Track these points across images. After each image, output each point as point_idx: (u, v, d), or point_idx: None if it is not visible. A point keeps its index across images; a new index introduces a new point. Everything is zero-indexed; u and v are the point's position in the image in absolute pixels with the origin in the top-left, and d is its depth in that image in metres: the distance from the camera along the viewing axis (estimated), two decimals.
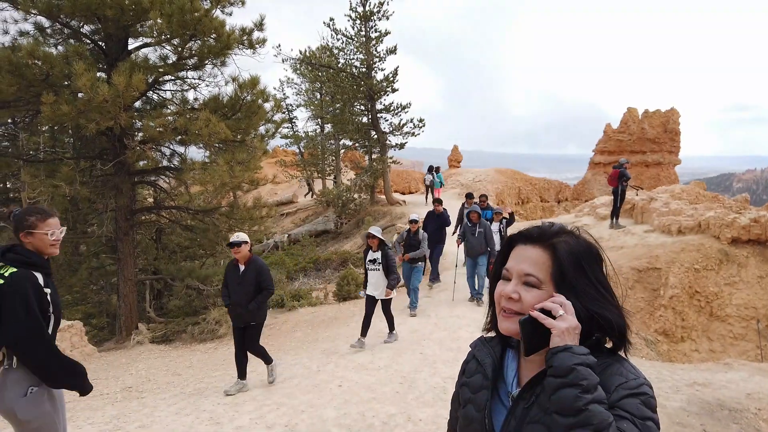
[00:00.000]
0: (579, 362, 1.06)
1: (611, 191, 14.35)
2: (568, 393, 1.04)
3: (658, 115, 35.79)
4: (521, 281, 1.22)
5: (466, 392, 1.36)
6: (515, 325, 1.20)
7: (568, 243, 1.23)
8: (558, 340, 1.10)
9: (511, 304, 1.21)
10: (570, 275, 1.20)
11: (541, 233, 1.26)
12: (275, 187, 35.62)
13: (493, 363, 1.32)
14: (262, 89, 10.40)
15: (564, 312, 1.13)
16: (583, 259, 1.22)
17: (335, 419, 4.97)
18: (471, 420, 1.30)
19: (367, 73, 22.21)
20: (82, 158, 11.41)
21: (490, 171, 30.87)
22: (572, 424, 1.02)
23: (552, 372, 1.08)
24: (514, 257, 1.27)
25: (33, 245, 2.84)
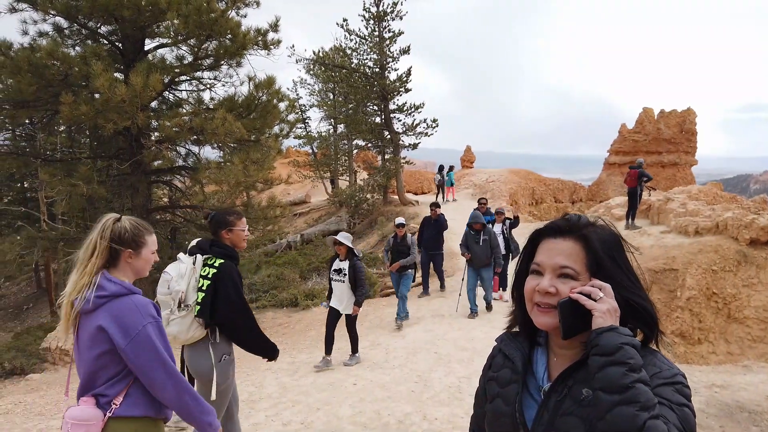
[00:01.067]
0: (625, 342, 1.05)
1: (627, 191, 14.21)
2: (615, 371, 1.03)
3: (675, 115, 35.40)
4: (556, 274, 1.21)
5: (494, 387, 1.35)
6: (553, 319, 1.19)
7: (598, 233, 1.23)
8: (601, 320, 1.09)
9: (547, 298, 1.20)
10: (606, 265, 1.20)
11: (571, 225, 1.25)
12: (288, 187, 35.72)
13: (522, 357, 1.31)
14: (277, 89, 10.46)
15: (604, 295, 1.13)
16: (613, 248, 1.22)
17: (350, 417, 4.98)
18: (500, 414, 1.28)
19: (381, 73, 22.21)
20: (99, 158, 11.54)
21: (504, 171, 30.72)
22: (618, 401, 1.00)
23: (597, 351, 1.07)
24: (544, 252, 1.25)
25: (231, 240, 3.38)
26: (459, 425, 4.73)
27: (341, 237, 6.53)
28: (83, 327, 2.13)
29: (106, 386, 2.10)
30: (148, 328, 2.10)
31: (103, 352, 2.08)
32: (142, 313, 2.11)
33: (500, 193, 26.90)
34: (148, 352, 2.08)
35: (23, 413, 5.79)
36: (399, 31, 21.96)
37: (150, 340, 2.09)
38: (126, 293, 2.15)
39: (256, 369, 6.72)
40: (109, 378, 2.11)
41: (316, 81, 30.21)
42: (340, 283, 6.56)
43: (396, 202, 23.55)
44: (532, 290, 1.24)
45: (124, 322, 2.07)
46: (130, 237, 2.25)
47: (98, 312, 2.10)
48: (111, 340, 2.06)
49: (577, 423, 1.13)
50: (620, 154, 36.27)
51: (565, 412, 1.16)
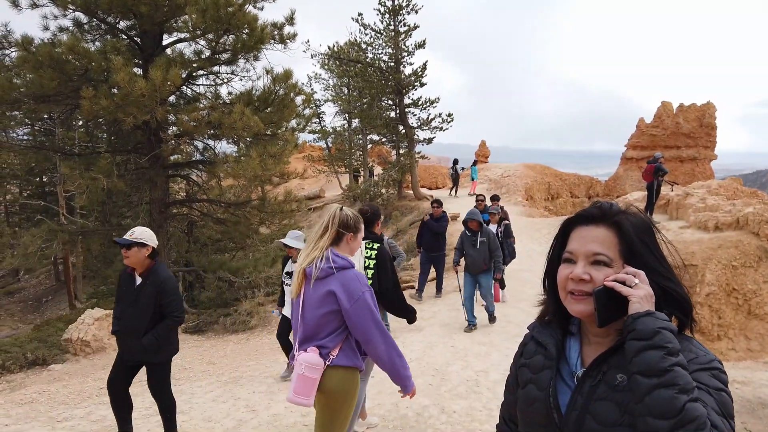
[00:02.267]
0: (663, 326, 1.06)
1: (645, 186, 14.06)
2: (652, 354, 1.03)
3: (694, 109, 34.87)
4: (589, 261, 1.22)
5: (526, 373, 1.36)
6: (588, 307, 1.19)
7: (630, 220, 1.24)
8: (638, 306, 1.10)
9: (582, 285, 1.21)
10: (639, 251, 1.20)
11: (603, 212, 1.26)
12: (302, 182, 35.85)
13: (556, 343, 1.32)
14: (294, 83, 10.49)
15: (639, 281, 1.13)
16: (646, 235, 1.23)
17: (369, 409, 4.99)
18: (533, 400, 1.29)
19: (396, 67, 22.14)
20: (118, 152, 11.66)
21: (519, 166, 30.53)
22: (656, 384, 1.01)
23: (634, 335, 1.07)
24: (577, 239, 1.26)
25: (377, 230, 4.47)
26: (477, 418, 4.73)
27: (289, 239, 5.46)
28: (313, 290, 2.65)
29: (327, 339, 2.65)
30: (366, 294, 2.63)
31: (329, 312, 2.61)
32: (361, 283, 2.65)
33: (515, 188, 26.75)
34: (366, 313, 2.60)
35: (47, 402, 5.90)
36: (414, 25, 21.87)
37: (368, 304, 2.61)
38: (349, 267, 2.70)
39: (275, 361, 6.77)
40: (330, 333, 2.65)
41: (330, 76, 30.25)
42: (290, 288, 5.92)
43: (410, 197, 23.53)
44: (566, 278, 1.24)
45: (350, 289, 2.60)
46: (353, 224, 2.82)
47: (329, 279, 2.63)
48: (338, 302, 2.60)
49: (611, 408, 1.14)
50: (638, 149, 35.85)
51: (599, 397, 1.16)
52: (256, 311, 10.36)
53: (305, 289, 2.70)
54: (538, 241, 15.30)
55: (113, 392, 4.00)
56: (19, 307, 24.18)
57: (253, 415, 5.01)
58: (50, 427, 4.88)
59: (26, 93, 9.43)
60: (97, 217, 18.29)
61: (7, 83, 9.12)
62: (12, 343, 9.90)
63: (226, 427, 4.76)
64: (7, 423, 5.17)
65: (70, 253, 20.05)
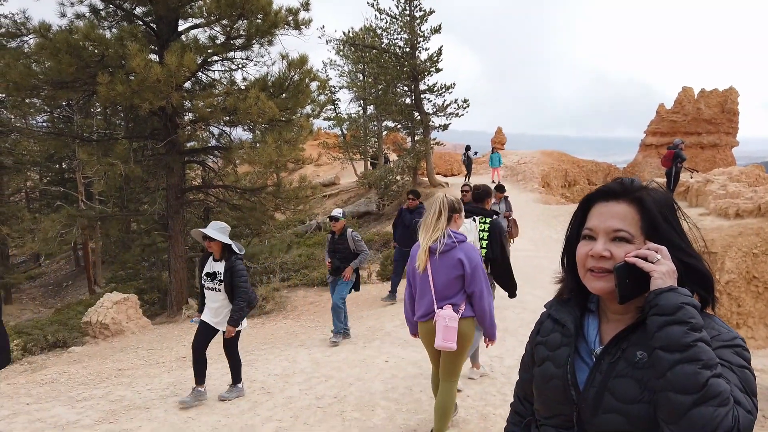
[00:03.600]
0: (686, 301, 1.04)
1: (664, 173, 13.85)
2: (675, 330, 1.01)
3: (716, 94, 34.11)
4: (610, 238, 1.19)
5: (543, 350, 1.35)
6: (608, 284, 1.17)
7: (652, 196, 1.21)
8: (660, 282, 1.08)
9: (602, 262, 1.18)
10: (661, 227, 1.18)
11: (624, 188, 1.23)
12: (317, 169, 35.93)
13: (574, 321, 1.30)
14: (309, 68, 10.47)
15: (661, 257, 1.11)
16: (667, 210, 1.21)
17: (383, 393, 5.01)
18: (550, 377, 1.28)
19: (411, 52, 21.96)
20: (135, 138, 11.76)
21: (536, 153, 30.23)
22: (679, 359, 0.99)
23: (656, 311, 1.05)
24: (597, 216, 1.23)
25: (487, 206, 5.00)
26: (491, 402, 4.72)
27: (212, 229, 4.81)
28: (441, 260, 3.48)
29: (457, 298, 3.53)
30: (481, 261, 3.56)
31: (458, 275, 3.47)
32: (475, 252, 3.55)
33: (532, 175, 26.52)
34: (481, 275, 3.50)
35: (67, 382, 6.01)
36: (430, 10, 21.64)
37: (481, 267, 3.51)
38: (465, 240, 3.55)
39: (288, 345, 6.82)
40: (458, 292, 3.52)
41: (345, 62, 30.12)
42: (214, 291, 4.89)
43: (425, 184, 23.45)
44: (585, 255, 1.22)
45: (471, 256, 3.47)
46: (457, 206, 3.62)
47: (455, 251, 3.46)
48: (463, 267, 3.44)
49: (631, 384, 1.13)
50: (657, 135, 35.25)
51: (618, 374, 1.15)
52: (272, 296, 10.44)
53: (431, 261, 3.52)
54: (554, 228, 15.17)
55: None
56: (41, 291, 24.68)
57: (268, 397, 5.06)
58: (70, 407, 4.97)
59: (44, 79, 9.52)
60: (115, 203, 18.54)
61: (25, 70, 9.22)
62: (34, 325, 10.12)
63: (241, 409, 4.81)
64: (28, 402, 5.28)
65: (90, 238, 20.36)
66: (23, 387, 5.90)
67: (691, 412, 0.96)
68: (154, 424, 4.54)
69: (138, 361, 6.90)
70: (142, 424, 4.54)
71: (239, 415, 4.67)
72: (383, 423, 4.36)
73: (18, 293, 23.34)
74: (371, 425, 4.33)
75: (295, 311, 9.81)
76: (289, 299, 10.66)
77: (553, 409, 1.27)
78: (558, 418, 1.26)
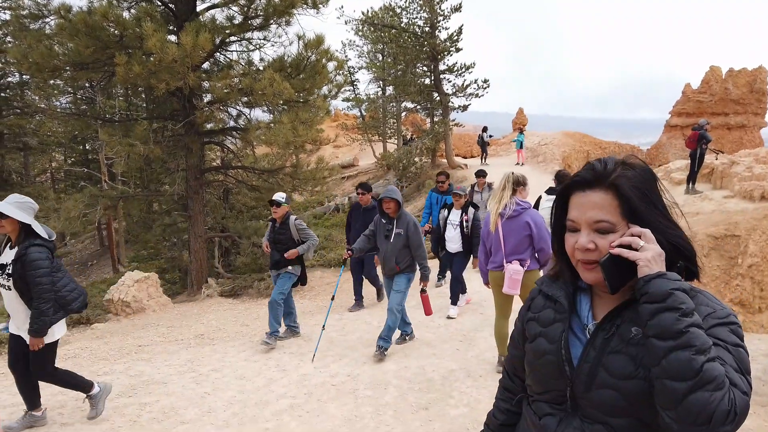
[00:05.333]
0: (675, 287, 1.03)
1: (689, 154, 13.53)
2: (667, 317, 1.01)
3: (744, 74, 33.03)
4: (592, 229, 1.17)
5: (535, 327, 1.34)
6: (600, 274, 1.16)
7: (628, 177, 1.16)
8: (647, 269, 1.07)
9: (588, 255, 1.17)
10: (641, 210, 1.15)
11: (597, 175, 1.18)
12: (336, 150, 35.93)
13: (567, 297, 1.29)
14: (326, 48, 10.39)
15: (645, 242, 1.09)
16: (647, 189, 1.17)
17: (396, 372, 5.06)
18: (543, 352, 1.28)
19: (431, 32, 21.66)
20: (154, 119, 11.85)
21: (558, 134, 29.77)
22: (672, 347, 0.99)
23: (647, 299, 1.04)
24: (576, 206, 1.21)
25: None
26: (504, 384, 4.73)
27: (6, 203, 3.63)
28: (512, 223, 4.52)
29: (524, 254, 4.53)
30: (543, 222, 4.52)
31: (526, 235, 4.49)
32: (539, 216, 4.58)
33: (552, 157, 26.16)
34: (545, 234, 4.46)
35: (89, 357, 6.18)
36: None
37: (545, 226, 4.41)
38: (529, 207, 4.60)
39: (304, 324, 6.89)
40: (525, 249, 4.53)
41: (364, 42, 29.87)
42: (3, 289, 3.77)
43: (444, 166, 23.30)
44: (572, 248, 1.21)
45: (536, 220, 4.50)
46: (522, 181, 4.66)
47: (523, 215, 4.50)
48: (530, 228, 4.47)
49: (625, 360, 1.13)
50: (683, 116, 34.39)
51: (612, 350, 1.16)
52: None
53: (501, 224, 4.55)
54: None
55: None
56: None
57: (283, 375, 5.14)
58: None
59: (65, 61, 9.62)
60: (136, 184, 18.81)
61: (47, 51, 9.32)
62: None
63: (257, 385, 4.90)
64: None
65: (113, 218, 20.73)
66: None
67: (687, 398, 0.96)
68: (171, 398, 4.65)
69: (158, 338, 7.04)
70: (160, 399, 4.65)
71: (254, 391, 4.75)
72: (395, 401, 4.40)
73: None
74: (383, 403, 4.38)
75: (311, 291, 9.89)
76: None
77: (546, 384, 1.27)
78: (551, 393, 1.26)
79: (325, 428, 4.01)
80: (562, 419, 1.23)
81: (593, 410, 1.17)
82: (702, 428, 0.96)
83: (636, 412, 1.12)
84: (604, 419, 1.15)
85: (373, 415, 4.17)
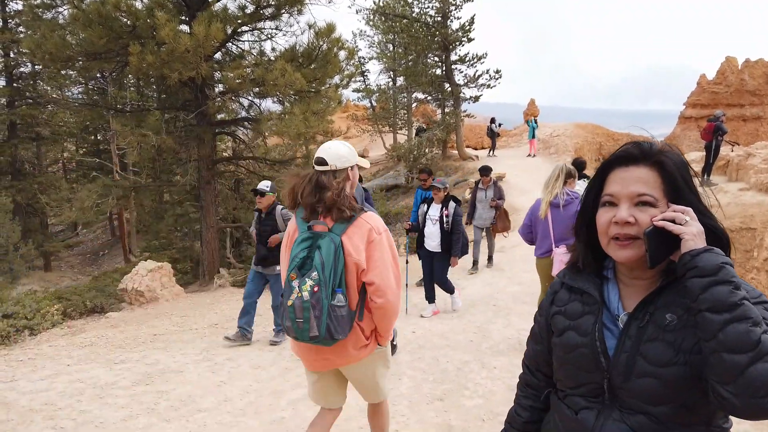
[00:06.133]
0: (725, 261, 1.03)
1: (704, 146, 13.37)
2: (721, 290, 1.00)
3: (761, 64, 32.51)
4: (633, 203, 1.17)
5: (562, 320, 1.32)
6: (634, 251, 1.16)
7: (671, 158, 1.19)
8: (692, 243, 1.07)
9: (626, 228, 1.16)
10: (683, 190, 1.17)
11: (644, 152, 1.20)
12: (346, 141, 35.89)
13: (597, 288, 1.28)
14: (337, 37, 10.35)
15: (689, 218, 1.10)
16: (686, 173, 1.19)
17: (410, 362, 5.05)
18: (575, 346, 1.26)
19: (442, 22, 21.49)
20: (166, 109, 11.88)
21: (569, 125, 29.49)
22: (728, 319, 0.98)
23: (697, 273, 1.03)
24: (617, 181, 1.20)
25: None
26: (517, 374, 4.70)
27: None
28: (560, 212, 4.65)
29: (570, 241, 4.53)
30: None
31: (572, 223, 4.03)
32: None
33: (565, 148, 25.95)
34: None
35: (105, 346, 6.23)
36: None
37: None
38: (578, 197, 4.56)
39: None
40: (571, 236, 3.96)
41: (375, 32, 29.69)
42: None
43: (455, 157, 23.21)
44: (608, 223, 1.19)
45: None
46: (573, 173, 4.79)
47: (572, 205, 4.60)
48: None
49: (663, 348, 1.12)
50: (698, 107, 33.98)
51: (649, 338, 1.15)
52: None
53: (551, 212, 4.72)
54: None
55: None
56: (78, 259, 25.51)
57: (298, 364, 5.14)
58: (108, 368, 5.16)
59: (78, 51, 9.65)
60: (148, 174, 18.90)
61: (60, 41, 9.35)
62: (73, 292, 10.49)
63: (272, 374, 4.92)
64: (69, 363, 5.50)
65: (125, 208, 20.87)
66: (64, 349, 6.14)
67: (748, 370, 0.95)
68: (187, 387, 4.68)
69: (172, 327, 7.09)
70: (176, 387, 4.68)
71: (269, 381, 4.77)
72: (410, 391, 4.40)
73: (57, 261, 24.17)
74: (398, 393, 4.37)
75: None
76: None
77: (580, 378, 1.25)
78: (586, 387, 1.24)
79: (340, 418, 4.00)
80: (600, 412, 1.21)
81: (633, 400, 1.16)
82: (762, 400, 0.95)
83: (678, 398, 1.11)
84: (645, 408, 1.14)
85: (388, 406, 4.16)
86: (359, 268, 2.29)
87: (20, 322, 6.84)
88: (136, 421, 4.03)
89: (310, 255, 2.23)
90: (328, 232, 2.28)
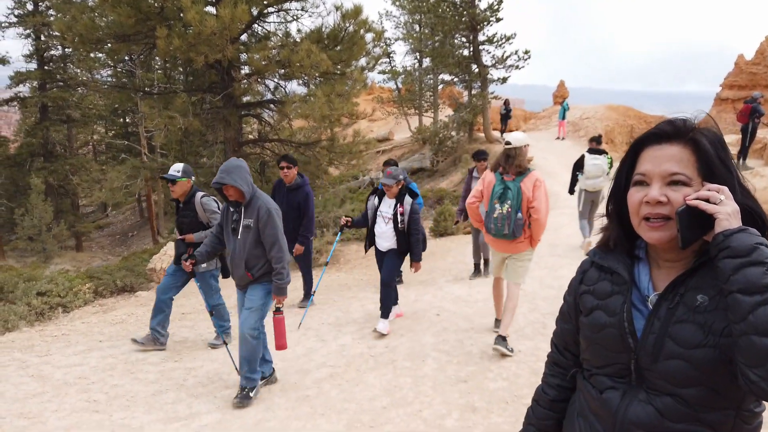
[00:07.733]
0: (759, 242, 1.00)
1: (740, 129, 12.96)
2: (753, 271, 0.97)
3: None
4: (665, 182, 1.13)
5: (591, 300, 1.30)
6: (665, 233, 1.13)
7: (706, 136, 1.15)
8: (726, 223, 1.04)
9: (658, 208, 1.13)
10: (718, 168, 1.12)
11: (677, 129, 1.16)
12: (371, 124, 35.79)
13: (626, 268, 1.25)
14: (364, 19, 10.26)
15: (724, 197, 1.06)
16: (722, 150, 1.15)
17: (434, 345, 5.05)
18: (603, 325, 1.24)
19: (470, 1, 21.13)
20: (193, 92, 11.97)
21: (600, 107, 28.84)
22: (760, 301, 0.95)
23: (729, 253, 1.01)
24: (650, 160, 1.17)
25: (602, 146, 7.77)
26: (542, 358, 4.63)
27: None
28: None
29: None
30: None
31: None
32: None
33: (595, 131, 25.40)
34: None
35: (135, 323, 6.38)
36: None
37: None
38: None
39: (341, 296, 6.95)
40: None
41: (402, 12, 29.40)
42: None
43: (482, 140, 22.95)
44: (639, 202, 1.16)
45: None
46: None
47: None
48: None
49: (693, 329, 1.10)
50: (735, 89, 32.87)
51: (678, 320, 1.12)
52: (325, 249, 10.61)
53: None
54: None
55: None
56: (108, 240, 26.13)
57: (322, 345, 5.20)
58: (138, 345, 5.27)
59: (107, 33, 9.77)
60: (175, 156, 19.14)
61: (90, 23, 9.47)
62: (104, 271, 10.72)
63: (297, 354, 4.97)
64: (101, 339, 5.65)
65: (153, 190, 21.22)
66: (96, 326, 6.30)
67: None
68: (215, 364, 4.77)
69: (199, 306, 7.21)
70: (204, 364, 4.77)
71: (295, 360, 4.83)
72: (434, 373, 4.40)
73: (88, 241, 24.81)
74: (422, 374, 4.38)
75: (348, 264, 9.95)
76: (342, 253, 10.78)
77: (608, 358, 1.23)
78: (613, 367, 1.23)
79: (365, 397, 4.04)
80: (626, 392, 1.20)
81: (661, 381, 1.14)
82: None
83: (707, 381, 1.09)
84: (673, 390, 1.12)
85: (412, 386, 4.18)
86: (529, 200, 4.32)
87: (54, 300, 7.04)
88: (165, 396, 4.13)
89: (504, 192, 4.35)
90: (512, 181, 4.37)
